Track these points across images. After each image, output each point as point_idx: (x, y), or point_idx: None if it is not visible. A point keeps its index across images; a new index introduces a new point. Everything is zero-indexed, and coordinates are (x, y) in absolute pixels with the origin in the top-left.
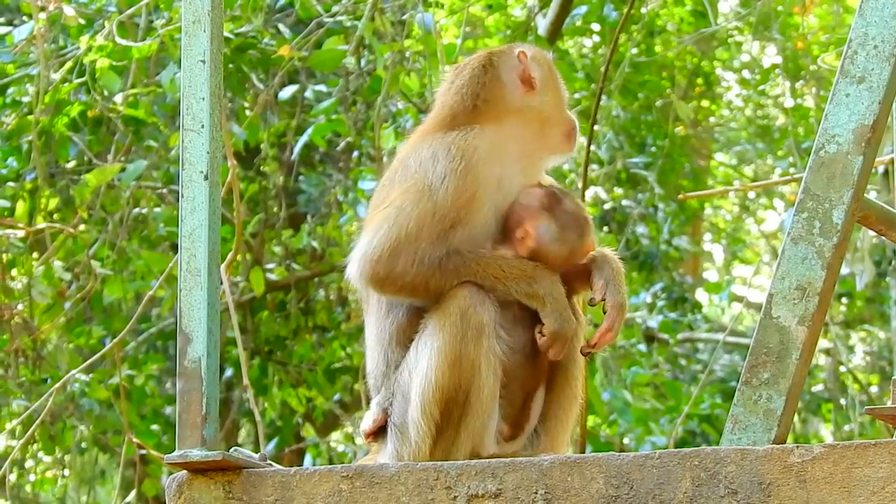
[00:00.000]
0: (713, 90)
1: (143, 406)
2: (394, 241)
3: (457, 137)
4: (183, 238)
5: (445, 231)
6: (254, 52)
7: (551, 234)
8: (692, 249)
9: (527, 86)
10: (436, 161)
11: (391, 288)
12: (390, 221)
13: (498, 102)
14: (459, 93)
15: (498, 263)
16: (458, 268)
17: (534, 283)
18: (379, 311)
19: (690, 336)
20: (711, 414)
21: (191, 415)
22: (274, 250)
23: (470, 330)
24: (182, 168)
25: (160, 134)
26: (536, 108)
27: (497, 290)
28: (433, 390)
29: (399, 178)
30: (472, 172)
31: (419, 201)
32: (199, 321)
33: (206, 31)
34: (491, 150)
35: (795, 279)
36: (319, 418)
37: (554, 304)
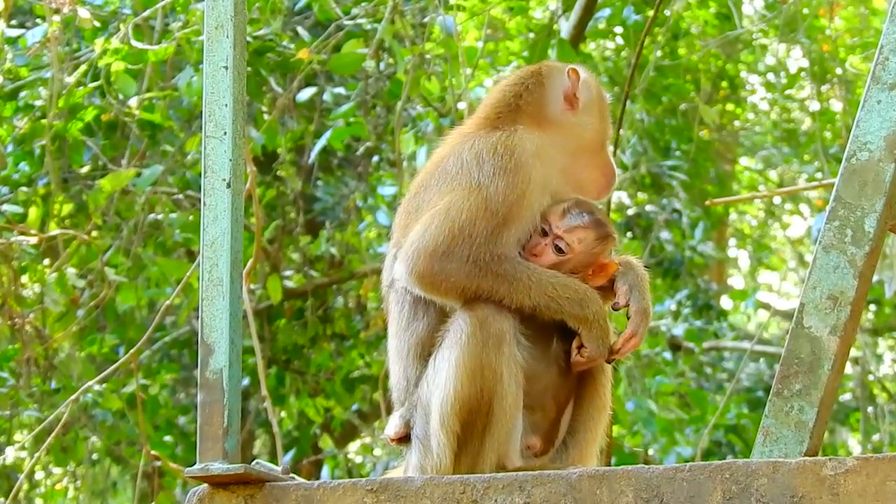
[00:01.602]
0: (738, 94)
1: (156, 416)
2: (447, 234)
3: (502, 136)
4: (205, 247)
5: (498, 228)
6: (272, 56)
7: (581, 243)
8: (717, 256)
9: (568, 103)
10: (481, 161)
11: (441, 286)
12: (441, 216)
13: (538, 109)
14: (503, 91)
15: (550, 281)
16: (508, 275)
17: (584, 306)
18: (399, 324)
19: (716, 344)
20: (738, 424)
21: (212, 427)
22: (291, 257)
23: (490, 338)
24: (204, 176)
25: (176, 138)
26: (574, 128)
27: (548, 307)
28: (453, 402)
29: (438, 182)
30: (522, 171)
31: (468, 197)
32: (222, 332)
33: (230, 36)
34: (536, 152)
35: (827, 288)
36: (337, 429)
37: (599, 330)
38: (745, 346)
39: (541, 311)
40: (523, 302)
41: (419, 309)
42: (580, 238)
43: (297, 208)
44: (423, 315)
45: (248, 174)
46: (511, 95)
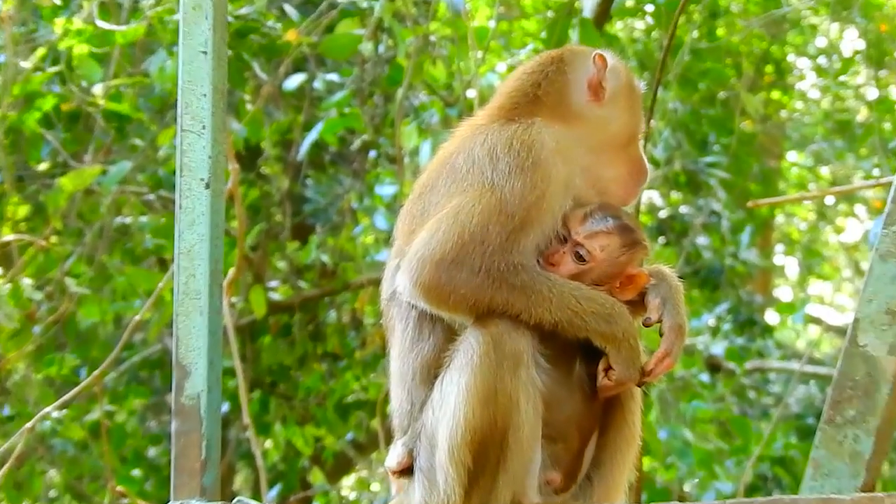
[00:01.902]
0: (785, 80)
1: (123, 447)
2: (457, 241)
3: (518, 130)
4: (180, 255)
5: (515, 234)
6: (256, 37)
7: (604, 250)
8: (762, 264)
9: (593, 94)
10: (495, 157)
11: (450, 300)
12: (450, 221)
13: (559, 99)
14: (520, 79)
15: (573, 293)
16: (526, 286)
17: (612, 323)
18: (403, 343)
19: (760, 365)
20: (786, 455)
21: (188, 460)
22: (277, 265)
23: (506, 360)
24: (179, 174)
25: (147, 131)
26: (599, 121)
27: (571, 323)
28: (463, 431)
29: (446, 181)
30: (541, 169)
31: (481, 199)
32: (199, 351)
33: (209, 17)
34: (557, 148)
35: (885, 301)
36: (329, 461)
37: (628, 350)
38: (794, 367)
39: (563, 328)
40: (543, 317)
41: (425, 326)
42: (603, 245)
43: (283, 210)
44: (430, 334)
45: (230, 172)
46: (529, 84)
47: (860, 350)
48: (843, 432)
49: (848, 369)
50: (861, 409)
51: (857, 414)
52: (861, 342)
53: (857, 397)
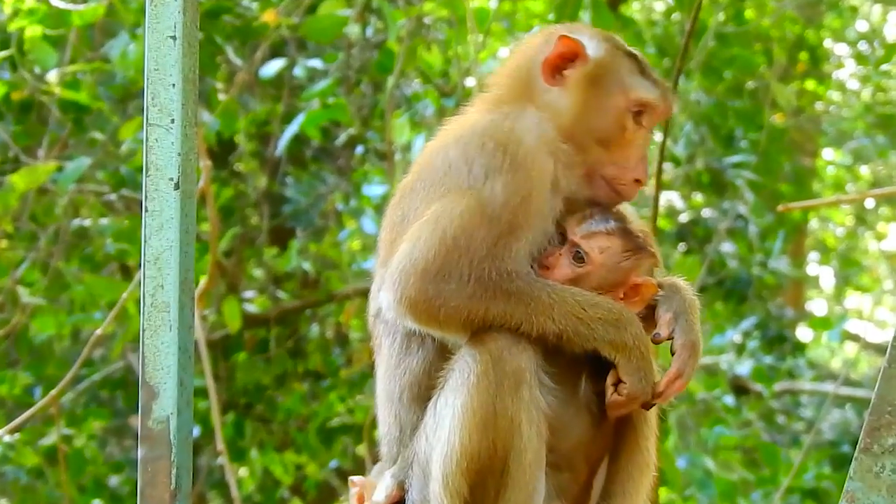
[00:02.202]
0: (821, 68)
1: (82, 475)
2: (440, 248)
3: (489, 126)
4: (147, 263)
5: (503, 239)
6: (229, 19)
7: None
8: (793, 274)
9: (548, 76)
10: (469, 157)
11: (440, 315)
12: (430, 227)
13: (526, 86)
14: (506, 63)
15: (576, 299)
16: (524, 293)
17: (621, 329)
18: (389, 361)
19: (791, 386)
20: (818, 487)
21: (157, 489)
22: (253, 274)
23: (506, 379)
24: (146, 173)
25: (107, 123)
26: (550, 109)
27: (577, 332)
28: (459, 458)
29: (425, 184)
30: (523, 167)
31: (460, 202)
32: (168, 370)
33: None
34: (537, 140)
35: None
36: (311, 491)
37: (640, 360)
38: (828, 389)
39: (568, 338)
40: (546, 327)
41: (413, 341)
42: (602, 246)
43: (260, 212)
44: (419, 348)
45: (201, 169)
46: (508, 71)
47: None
48: (880, 462)
49: (887, 392)
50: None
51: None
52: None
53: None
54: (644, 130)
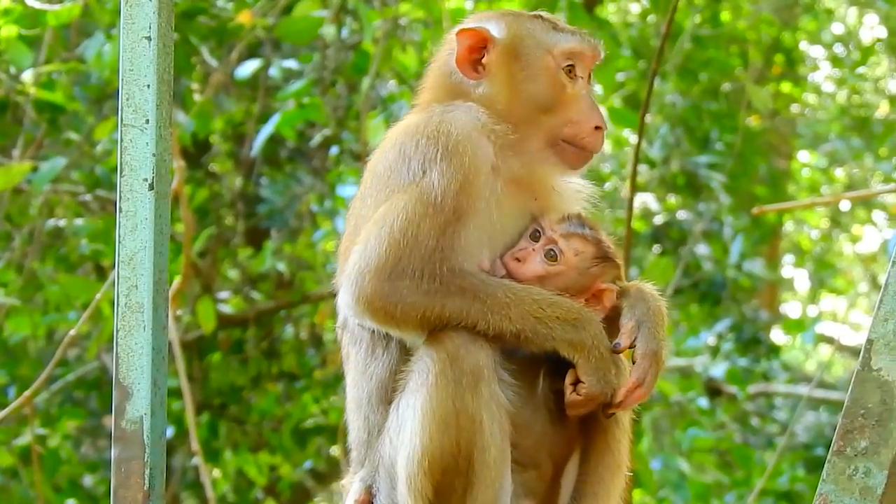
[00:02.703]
0: (796, 71)
1: (56, 475)
2: (390, 245)
3: (420, 123)
4: (122, 264)
5: (451, 225)
6: (204, 19)
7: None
8: (768, 276)
9: (471, 72)
10: (405, 155)
11: (396, 313)
12: (379, 226)
13: (451, 85)
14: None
15: (534, 298)
16: (479, 290)
17: (580, 329)
18: (357, 367)
19: (765, 389)
20: (791, 490)
21: (130, 490)
22: (228, 275)
23: (464, 377)
24: (120, 174)
25: (82, 123)
26: (487, 100)
27: (534, 331)
28: (420, 459)
29: (371, 191)
30: (456, 155)
31: (403, 197)
32: (142, 370)
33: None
34: (468, 126)
35: None
36: (285, 492)
37: (599, 360)
38: (802, 392)
39: (526, 338)
40: (502, 326)
41: (378, 347)
42: (577, 249)
43: (235, 213)
44: (384, 352)
45: (176, 169)
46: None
47: (874, 374)
48: (853, 465)
49: (860, 396)
50: (874, 439)
51: (869, 445)
52: (875, 366)
53: (870, 427)
54: (582, 81)
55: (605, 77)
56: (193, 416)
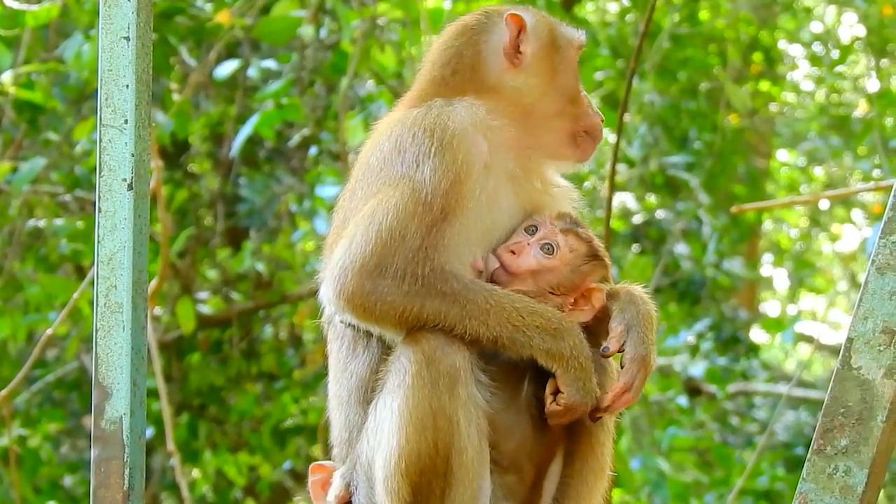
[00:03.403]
0: (775, 70)
1: (36, 475)
2: (376, 243)
3: (420, 115)
4: (101, 264)
5: (437, 224)
6: (183, 19)
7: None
8: (747, 275)
9: (510, 61)
10: (401, 148)
11: (376, 310)
12: (366, 223)
13: (472, 75)
14: (430, 61)
15: (515, 305)
16: (459, 295)
17: (559, 339)
18: (337, 364)
19: (745, 388)
20: (771, 489)
21: (109, 490)
22: (207, 275)
23: (441, 378)
24: (99, 174)
25: (62, 124)
26: (518, 92)
27: (512, 339)
28: (397, 461)
29: (362, 184)
30: (451, 150)
31: (394, 192)
32: (121, 371)
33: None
34: (472, 125)
35: (881, 320)
36: (265, 492)
37: (578, 370)
38: (782, 391)
39: (503, 345)
40: (478, 331)
41: (359, 343)
42: (573, 246)
43: (214, 213)
44: (364, 350)
45: (154, 170)
46: (439, 65)
47: (854, 373)
48: (833, 464)
49: (840, 394)
50: (854, 438)
51: (849, 444)
52: (855, 364)
53: (850, 425)
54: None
55: (584, 76)
56: (170, 417)
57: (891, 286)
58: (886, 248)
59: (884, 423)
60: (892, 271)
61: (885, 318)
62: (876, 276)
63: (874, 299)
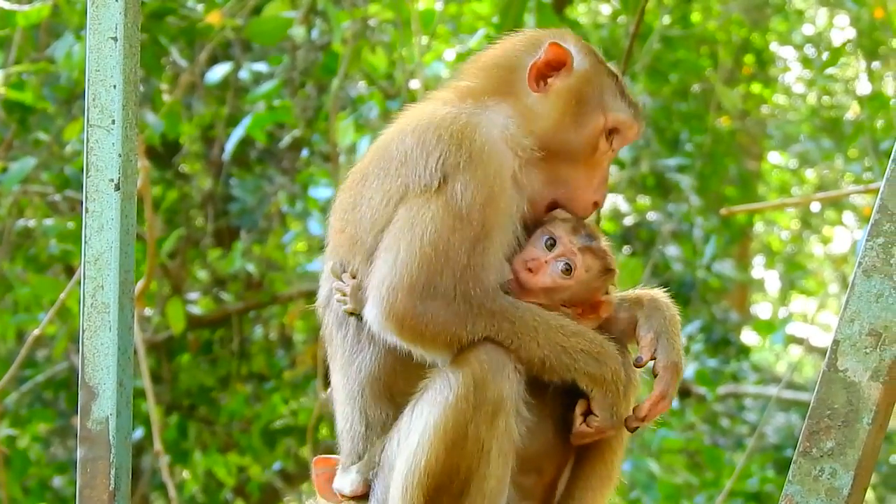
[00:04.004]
0: (766, 72)
1: (26, 476)
2: (422, 259)
3: (447, 117)
4: (87, 264)
5: (480, 241)
6: (174, 20)
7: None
8: (738, 277)
9: (532, 80)
10: (425, 151)
11: (427, 333)
12: (407, 236)
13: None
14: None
15: (560, 324)
16: (508, 312)
17: (602, 363)
18: (343, 354)
19: (735, 390)
20: (761, 491)
21: (96, 490)
22: (198, 276)
23: (485, 405)
24: (86, 174)
25: (52, 124)
26: (533, 116)
27: (559, 361)
28: (421, 474)
29: (379, 173)
30: (482, 163)
31: (428, 203)
32: (108, 371)
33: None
34: (494, 135)
35: (868, 322)
36: (255, 493)
37: (615, 395)
38: (772, 393)
39: (550, 366)
40: (532, 352)
41: (362, 335)
42: (589, 265)
43: (205, 214)
44: (369, 343)
45: (141, 170)
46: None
47: (840, 375)
48: (819, 466)
49: (826, 396)
50: (840, 440)
51: (835, 446)
52: (841, 367)
53: (836, 427)
54: (612, 153)
55: None
56: (160, 417)
57: (877, 288)
58: (873, 251)
59: (870, 425)
60: (879, 274)
61: (871, 320)
62: (862, 279)
63: (861, 301)
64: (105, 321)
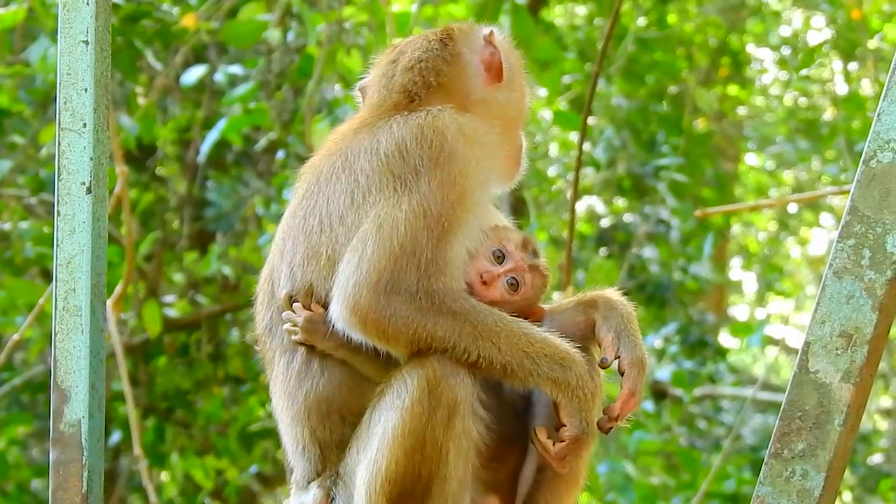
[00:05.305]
0: (743, 73)
1: (4, 479)
2: (389, 256)
3: (427, 118)
4: (59, 267)
5: (444, 237)
6: (149, 23)
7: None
8: (715, 279)
9: (492, 75)
10: (404, 152)
11: (389, 328)
12: (374, 235)
13: (459, 87)
14: (414, 69)
15: (523, 331)
16: (469, 315)
17: (566, 369)
18: (287, 380)
19: (712, 391)
20: (738, 492)
21: (68, 493)
22: (174, 279)
23: (440, 409)
24: (58, 178)
25: (27, 127)
26: (500, 106)
27: (521, 367)
28: (383, 480)
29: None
30: (457, 161)
31: (400, 203)
32: (80, 373)
33: (91, 3)
34: (467, 136)
35: (839, 323)
36: (232, 496)
37: (582, 401)
38: (748, 394)
39: (511, 371)
40: (490, 356)
41: (314, 361)
42: (534, 283)
43: (181, 216)
44: (322, 369)
45: (119, 174)
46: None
47: (811, 377)
48: (790, 467)
49: (797, 398)
50: (811, 441)
51: (806, 447)
52: (812, 368)
53: (807, 429)
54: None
55: (551, 80)
56: (138, 421)
57: (848, 290)
58: (844, 252)
59: (841, 426)
60: (850, 275)
61: (842, 321)
62: (833, 280)
63: (831, 303)
64: (77, 324)
